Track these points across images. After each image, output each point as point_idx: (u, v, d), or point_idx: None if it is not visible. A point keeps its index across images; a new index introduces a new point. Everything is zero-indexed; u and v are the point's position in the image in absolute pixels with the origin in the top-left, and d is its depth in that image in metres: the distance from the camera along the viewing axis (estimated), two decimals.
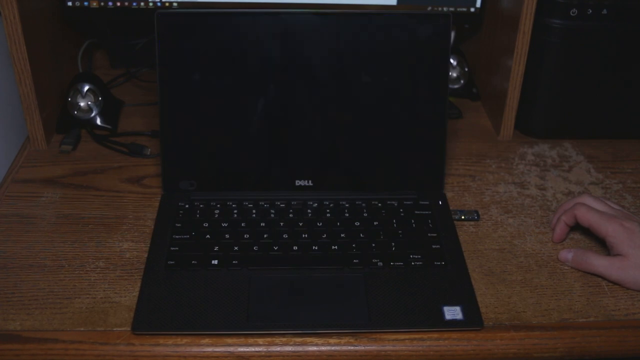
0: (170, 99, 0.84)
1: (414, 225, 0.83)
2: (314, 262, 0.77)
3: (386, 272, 0.76)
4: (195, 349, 0.68)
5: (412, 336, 0.70)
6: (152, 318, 0.70)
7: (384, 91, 0.85)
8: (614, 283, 0.77)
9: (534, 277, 0.78)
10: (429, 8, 1.02)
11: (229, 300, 0.72)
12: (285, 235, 0.80)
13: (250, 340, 0.69)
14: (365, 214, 0.84)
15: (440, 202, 0.86)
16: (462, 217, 0.86)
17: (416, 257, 0.78)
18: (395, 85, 0.85)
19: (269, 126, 0.85)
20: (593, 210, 0.80)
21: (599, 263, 0.77)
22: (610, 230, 0.77)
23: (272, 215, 0.83)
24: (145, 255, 0.78)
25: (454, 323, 0.71)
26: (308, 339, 0.69)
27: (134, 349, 0.68)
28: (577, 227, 0.82)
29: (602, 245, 0.81)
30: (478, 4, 1.03)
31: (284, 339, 0.69)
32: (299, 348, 0.69)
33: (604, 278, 0.77)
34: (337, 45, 0.83)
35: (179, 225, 0.82)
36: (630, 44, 0.96)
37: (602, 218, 0.78)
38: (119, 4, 1.01)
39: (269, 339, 0.69)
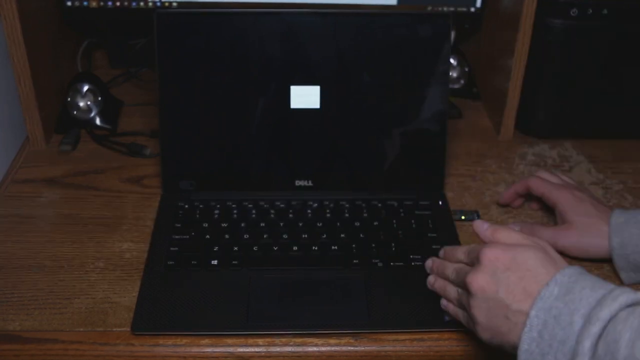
0: (170, 99, 0.84)
1: (414, 226, 0.83)
2: (314, 262, 0.77)
3: (386, 272, 0.76)
4: (195, 349, 0.68)
5: (412, 336, 0.70)
6: (151, 318, 0.70)
7: (384, 91, 0.85)
8: (560, 252, 0.76)
9: None
10: (429, 8, 1.02)
11: (228, 300, 0.72)
12: (285, 236, 0.80)
13: (250, 340, 0.69)
14: (365, 214, 0.84)
15: (440, 202, 0.86)
16: (462, 217, 0.86)
17: (416, 257, 0.78)
18: (395, 85, 0.84)
19: (269, 126, 0.85)
20: (547, 181, 0.83)
21: (545, 233, 0.79)
22: (561, 197, 0.80)
23: (272, 216, 0.83)
24: (145, 255, 0.78)
25: (454, 323, 0.70)
26: (308, 340, 0.69)
27: (133, 349, 0.68)
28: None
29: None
30: (478, 4, 1.03)
31: (284, 339, 0.69)
32: (299, 348, 0.69)
33: None
34: (337, 45, 0.83)
35: (178, 225, 0.82)
36: (631, 44, 0.95)
37: (554, 187, 0.82)
38: (118, 3, 1.00)
39: (269, 339, 0.69)
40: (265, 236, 0.80)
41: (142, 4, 1.01)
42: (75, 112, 1.01)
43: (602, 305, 0.53)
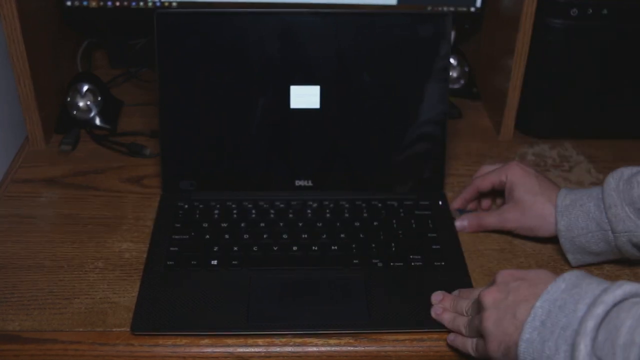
0: (170, 99, 0.84)
1: (414, 226, 0.83)
2: (314, 262, 0.77)
3: (386, 272, 0.76)
4: (194, 349, 0.68)
5: (412, 336, 0.70)
6: (151, 318, 0.70)
7: (384, 91, 0.85)
8: (509, 233, 0.81)
9: None
10: (429, 8, 1.02)
11: (228, 300, 0.72)
12: (285, 236, 0.80)
13: (250, 340, 0.69)
14: (365, 214, 0.84)
15: (440, 202, 0.86)
16: None
17: (416, 257, 0.78)
18: (395, 85, 0.84)
19: (269, 126, 0.85)
20: (489, 172, 0.84)
21: (491, 219, 0.82)
22: (509, 172, 0.81)
23: (272, 216, 0.83)
24: (145, 255, 0.78)
25: None
26: (308, 340, 0.69)
27: (133, 349, 0.68)
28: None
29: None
30: (478, 4, 1.03)
31: (283, 340, 0.69)
32: (299, 348, 0.69)
33: (500, 232, 0.82)
34: (337, 45, 0.83)
35: (178, 225, 0.81)
36: (631, 44, 0.95)
37: (499, 169, 0.83)
38: (118, 3, 1.00)
39: (268, 340, 0.69)
40: (265, 236, 0.80)
41: (142, 4, 1.00)
42: (75, 112, 1.01)
43: (607, 292, 0.54)
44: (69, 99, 1.01)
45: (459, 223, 0.84)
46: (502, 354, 0.60)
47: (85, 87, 1.01)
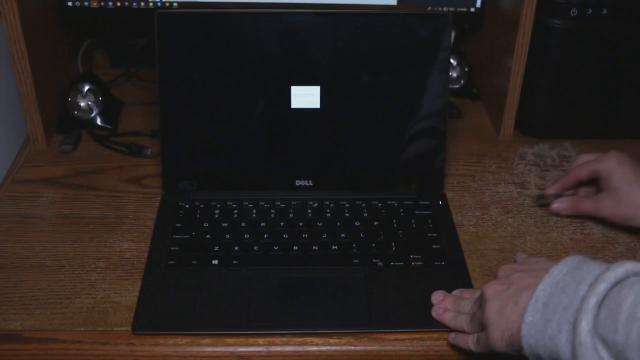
0: (170, 98, 0.84)
1: (414, 225, 0.83)
2: (314, 262, 0.77)
3: (386, 272, 0.76)
4: (195, 349, 0.69)
5: (412, 336, 0.70)
6: (152, 318, 0.70)
7: (384, 91, 0.85)
8: (604, 220, 0.82)
9: None
10: (429, 8, 1.02)
11: (229, 300, 0.72)
12: (285, 235, 0.80)
13: (251, 340, 0.69)
14: (365, 214, 0.84)
15: (440, 202, 0.87)
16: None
17: (416, 257, 0.78)
18: (395, 85, 0.85)
19: (269, 126, 0.85)
20: (588, 161, 0.85)
21: (588, 204, 0.83)
22: (607, 161, 0.81)
23: (272, 215, 0.83)
24: (146, 255, 0.78)
25: None
26: (308, 339, 0.69)
27: (134, 348, 0.68)
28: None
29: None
30: (478, 4, 1.03)
31: (284, 339, 0.69)
32: (299, 348, 0.69)
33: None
34: (337, 45, 0.83)
35: (179, 225, 0.82)
36: (630, 44, 0.96)
37: (598, 158, 0.84)
38: (119, 4, 1.00)
39: (269, 339, 0.69)
40: (265, 236, 0.80)
41: (142, 4, 1.01)
42: (76, 112, 1.01)
43: (609, 270, 0.55)
44: (69, 99, 1.01)
45: (557, 205, 0.85)
46: (505, 343, 0.60)
47: (86, 87, 1.01)
